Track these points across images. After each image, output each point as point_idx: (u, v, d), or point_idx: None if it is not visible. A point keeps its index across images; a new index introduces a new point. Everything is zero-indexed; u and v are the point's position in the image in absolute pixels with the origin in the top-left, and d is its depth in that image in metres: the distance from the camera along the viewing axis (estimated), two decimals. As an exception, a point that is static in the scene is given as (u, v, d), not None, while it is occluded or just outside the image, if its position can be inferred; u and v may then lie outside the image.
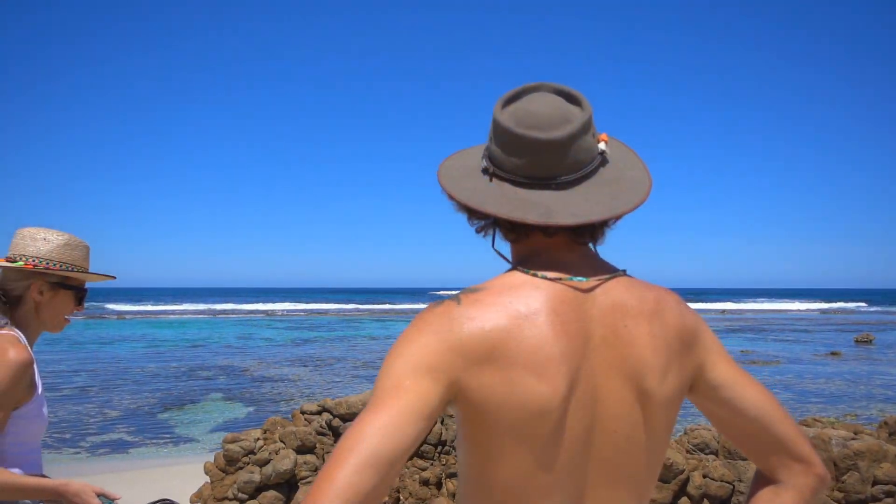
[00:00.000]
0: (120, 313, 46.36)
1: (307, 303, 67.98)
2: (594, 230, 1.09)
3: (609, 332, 1.03)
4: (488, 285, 1.05)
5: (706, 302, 72.93)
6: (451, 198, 1.11)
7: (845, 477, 4.85)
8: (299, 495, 5.37)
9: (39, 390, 2.06)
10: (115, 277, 2.37)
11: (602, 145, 1.11)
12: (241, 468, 5.42)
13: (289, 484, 5.46)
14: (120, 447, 9.31)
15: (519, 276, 1.05)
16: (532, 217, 1.03)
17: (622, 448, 1.04)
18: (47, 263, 2.12)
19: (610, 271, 1.10)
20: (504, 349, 0.97)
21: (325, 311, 54.19)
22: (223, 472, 5.46)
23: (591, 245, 1.13)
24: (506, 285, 1.04)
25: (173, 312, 50.05)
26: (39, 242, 2.14)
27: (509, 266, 1.11)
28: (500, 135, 1.08)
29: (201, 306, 58.48)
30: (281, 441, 5.66)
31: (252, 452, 5.47)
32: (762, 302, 75.64)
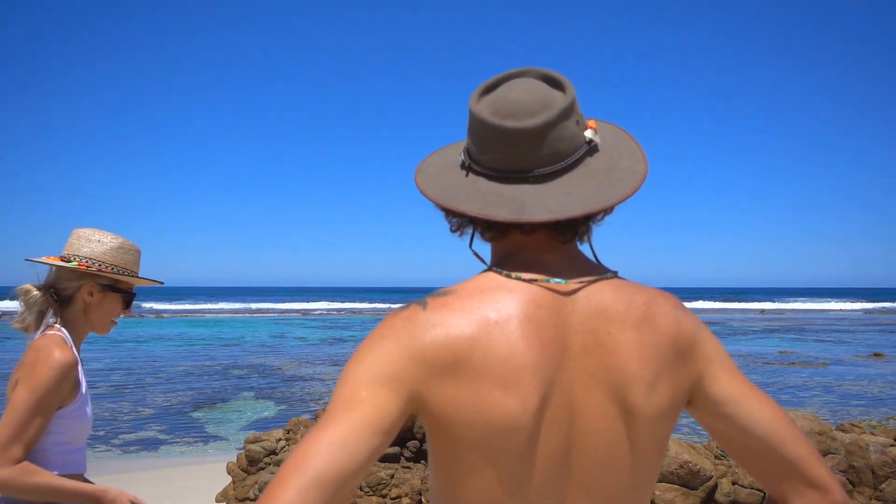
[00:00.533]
0: (158, 312, 47.15)
1: (342, 302, 68.31)
2: (577, 226, 1.00)
3: (590, 339, 0.94)
4: (459, 288, 0.97)
5: (745, 301, 71.65)
6: (424, 195, 1.03)
7: (884, 485, 4.65)
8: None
9: (83, 390, 2.08)
10: (163, 283, 2.41)
11: (589, 133, 1.01)
12: (262, 468, 5.41)
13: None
14: (151, 445, 9.42)
15: (493, 278, 0.97)
16: (503, 214, 0.95)
17: (604, 466, 0.94)
18: (100, 265, 2.15)
19: (598, 272, 1.00)
20: (469, 359, 0.89)
21: (360, 311, 54.41)
22: (245, 472, 5.45)
23: (586, 244, 1.04)
24: (477, 288, 0.95)
25: (210, 311, 50.71)
26: (94, 244, 2.17)
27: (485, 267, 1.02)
28: (474, 125, 1.00)
29: (238, 305, 59.18)
30: (303, 441, 5.64)
31: (274, 453, 5.46)
32: (803, 301, 73.82)
